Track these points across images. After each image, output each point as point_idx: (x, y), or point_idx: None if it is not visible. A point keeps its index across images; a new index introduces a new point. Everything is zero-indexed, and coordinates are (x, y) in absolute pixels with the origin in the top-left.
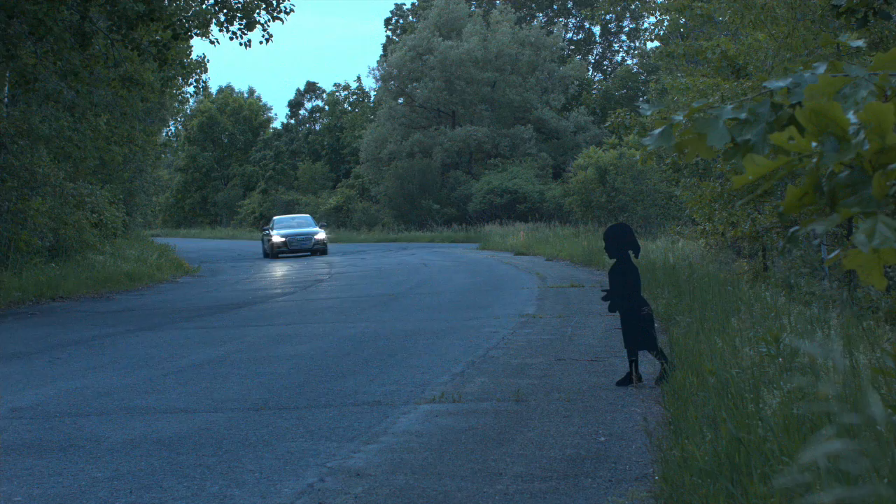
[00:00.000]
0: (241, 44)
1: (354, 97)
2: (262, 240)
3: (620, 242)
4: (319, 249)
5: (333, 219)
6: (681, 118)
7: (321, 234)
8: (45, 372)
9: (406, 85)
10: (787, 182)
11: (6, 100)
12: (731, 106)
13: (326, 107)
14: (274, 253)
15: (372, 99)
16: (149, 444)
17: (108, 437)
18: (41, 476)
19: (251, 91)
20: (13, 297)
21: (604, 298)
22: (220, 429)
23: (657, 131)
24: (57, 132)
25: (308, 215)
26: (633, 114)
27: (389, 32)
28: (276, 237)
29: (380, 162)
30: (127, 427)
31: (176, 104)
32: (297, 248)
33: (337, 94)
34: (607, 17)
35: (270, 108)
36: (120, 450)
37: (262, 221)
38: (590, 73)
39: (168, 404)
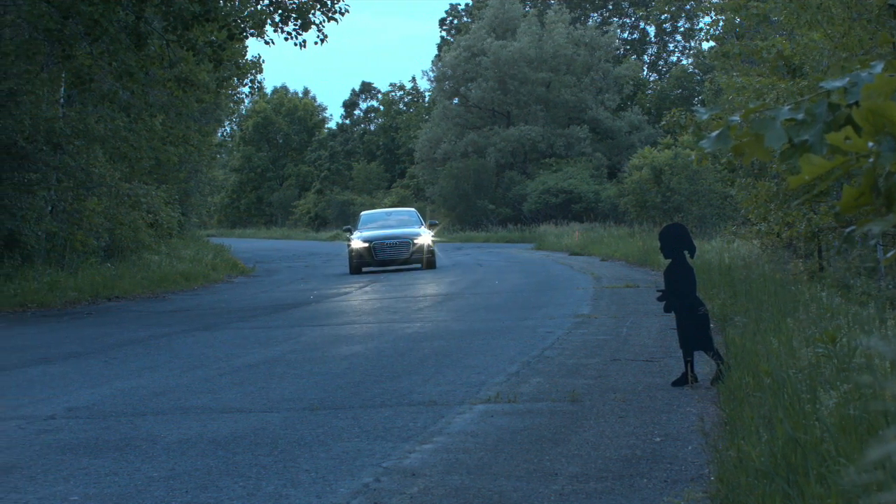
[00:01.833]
0: (296, 44)
1: (409, 97)
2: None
3: (676, 243)
4: (422, 259)
5: None
6: (737, 119)
7: (424, 237)
8: (100, 371)
9: (460, 85)
10: (843, 182)
11: (62, 100)
12: (789, 106)
13: (381, 107)
14: (354, 266)
15: (426, 99)
16: (204, 444)
17: (164, 437)
18: (97, 475)
19: (306, 91)
20: (69, 296)
21: (659, 299)
22: (276, 428)
23: (714, 133)
24: (112, 132)
25: (412, 209)
26: (688, 113)
27: (444, 33)
28: (357, 242)
29: (434, 162)
30: (183, 427)
31: (231, 104)
32: (386, 259)
33: (392, 94)
34: (662, 16)
35: (325, 109)
36: (176, 449)
37: (310, 219)
38: (644, 73)
39: (224, 404)
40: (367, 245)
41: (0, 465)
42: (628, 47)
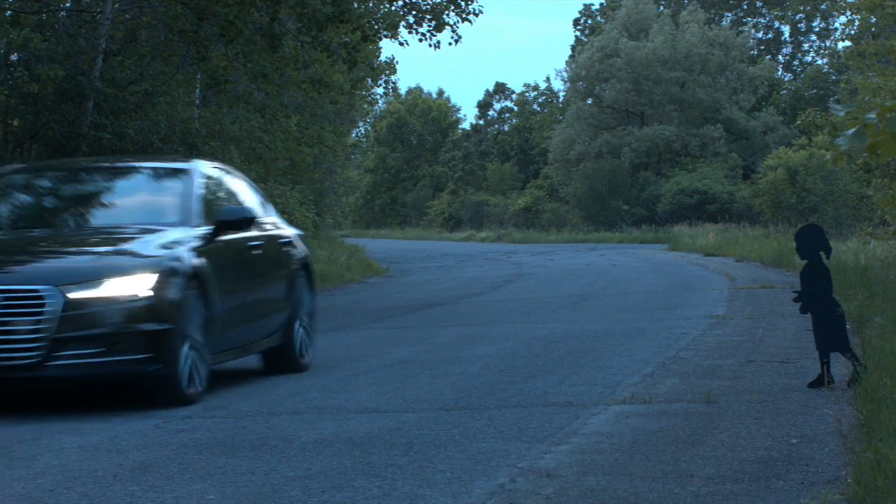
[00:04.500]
0: (430, 45)
1: (543, 98)
2: None
3: (812, 243)
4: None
5: (522, 219)
6: (873, 118)
7: (135, 281)
8: (236, 371)
9: (594, 86)
10: None
11: (198, 101)
12: None
13: (515, 107)
14: None
15: (560, 99)
16: (340, 444)
17: (300, 437)
18: (234, 475)
19: (440, 92)
20: None
21: (795, 300)
22: (411, 428)
23: (850, 132)
24: (248, 133)
25: (191, 167)
26: (823, 113)
27: (578, 33)
28: None
29: (568, 163)
30: (318, 426)
31: (365, 105)
32: None
33: (526, 94)
34: (797, 16)
35: (459, 109)
36: (311, 449)
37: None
38: (779, 73)
39: (359, 404)
40: None
41: (138, 463)
42: (763, 47)
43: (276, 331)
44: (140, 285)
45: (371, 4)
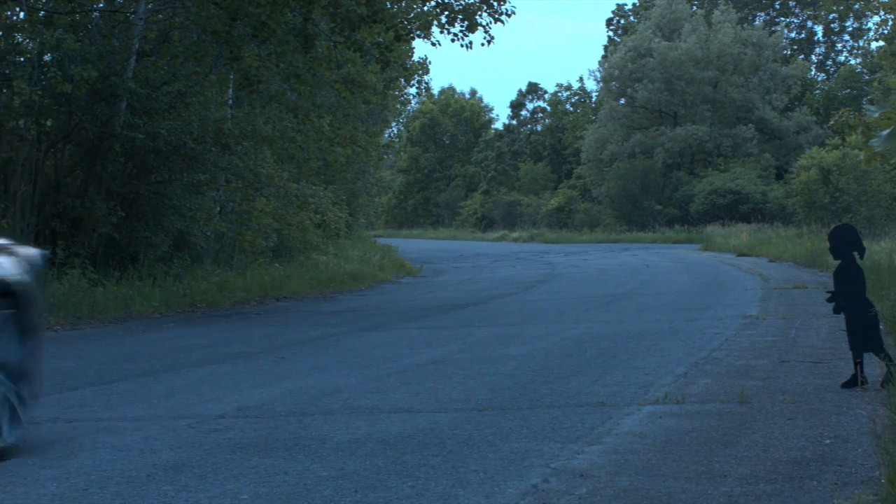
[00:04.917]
0: (462, 45)
1: (576, 98)
2: None
3: (845, 243)
4: None
5: (555, 219)
6: None
7: None
8: (270, 371)
9: (627, 86)
10: None
11: (230, 101)
12: None
13: (548, 107)
14: None
15: (593, 100)
16: (373, 444)
17: (333, 437)
18: (267, 474)
19: (473, 92)
20: (238, 296)
21: (828, 300)
22: (444, 429)
23: (885, 132)
24: (280, 133)
25: None
26: (856, 113)
27: (611, 33)
28: None
29: (601, 163)
30: (351, 426)
31: (398, 105)
32: None
33: (559, 94)
34: (830, 16)
35: (492, 109)
36: (345, 449)
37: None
38: (812, 72)
39: (392, 404)
40: None
41: (171, 463)
42: (795, 47)
43: None
44: None
45: (404, 4)
